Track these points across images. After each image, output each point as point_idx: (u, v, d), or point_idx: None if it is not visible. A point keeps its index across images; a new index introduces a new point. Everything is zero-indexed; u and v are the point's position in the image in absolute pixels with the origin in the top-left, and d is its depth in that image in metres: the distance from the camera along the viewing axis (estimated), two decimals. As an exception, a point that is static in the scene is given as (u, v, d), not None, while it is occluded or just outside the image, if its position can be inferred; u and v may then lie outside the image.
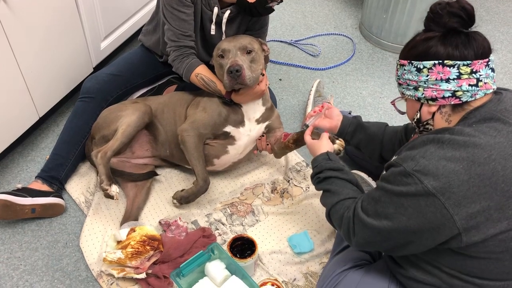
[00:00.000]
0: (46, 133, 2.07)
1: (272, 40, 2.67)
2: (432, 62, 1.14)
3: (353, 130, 1.66)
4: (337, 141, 1.58)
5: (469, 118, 1.12)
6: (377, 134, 1.65)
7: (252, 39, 1.69)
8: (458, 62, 1.11)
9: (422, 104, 1.21)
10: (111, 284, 1.55)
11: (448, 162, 1.04)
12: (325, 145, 1.49)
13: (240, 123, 1.74)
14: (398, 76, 1.26)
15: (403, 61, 1.21)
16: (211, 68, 1.77)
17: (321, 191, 1.40)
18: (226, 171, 1.93)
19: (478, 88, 1.12)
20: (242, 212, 1.80)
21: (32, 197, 1.69)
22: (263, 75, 1.69)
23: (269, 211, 1.80)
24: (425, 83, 1.16)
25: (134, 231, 1.60)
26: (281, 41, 2.68)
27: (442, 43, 1.13)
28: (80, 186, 1.85)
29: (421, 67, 1.15)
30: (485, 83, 1.13)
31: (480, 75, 1.12)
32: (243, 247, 1.55)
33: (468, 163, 1.03)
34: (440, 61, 1.12)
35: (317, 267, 1.63)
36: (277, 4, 1.69)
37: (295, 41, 2.67)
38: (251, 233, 1.72)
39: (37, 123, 1.97)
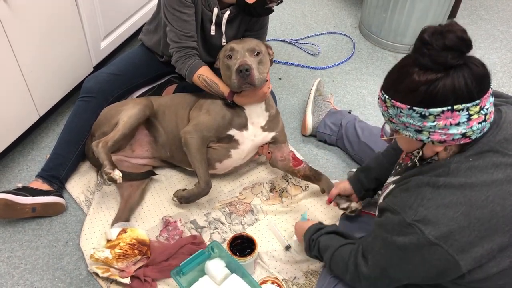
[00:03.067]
0: (46, 132, 2.07)
1: (272, 40, 2.67)
2: (440, 109, 1.01)
3: (365, 176, 1.61)
4: (353, 204, 1.64)
5: (467, 149, 1.07)
6: (382, 165, 1.58)
7: (259, 41, 1.70)
8: (468, 105, 1.00)
9: (424, 143, 1.11)
10: (111, 283, 1.56)
11: (446, 209, 1.03)
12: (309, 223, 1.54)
13: (243, 126, 1.74)
14: (390, 114, 1.10)
15: (399, 104, 1.05)
16: (215, 70, 1.78)
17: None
18: (226, 170, 1.94)
19: (486, 122, 1.04)
20: (241, 211, 1.80)
21: (33, 196, 1.69)
22: (266, 80, 1.70)
23: (268, 210, 1.81)
24: (431, 128, 1.04)
25: (126, 232, 1.60)
26: (281, 40, 2.68)
27: (449, 88, 0.99)
28: (80, 185, 1.86)
29: (427, 114, 1.02)
30: (490, 113, 1.05)
31: (486, 109, 1.03)
32: (242, 245, 1.55)
33: (466, 208, 1.02)
34: (449, 108, 1.00)
35: (317, 266, 1.63)
36: (277, 5, 1.69)
37: (295, 40, 2.68)
38: (250, 232, 1.73)
39: (37, 122, 1.97)
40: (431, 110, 1.01)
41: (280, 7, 2.93)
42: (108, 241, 1.61)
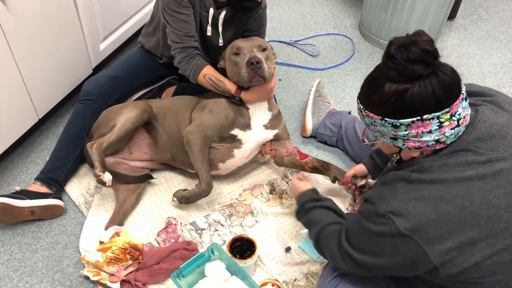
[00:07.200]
0: (46, 135, 2.07)
1: (272, 40, 2.67)
2: (410, 119, 1.05)
3: (379, 158, 1.61)
4: (370, 180, 1.64)
5: (441, 149, 1.11)
6: None
7: (263, 40, 1.73)
8: (437, 114, 1.04)
9: (401, 148, 1.16)
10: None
11: (417, 203, 1.07)
12: (306, 184, 1.52)
13: (247, 126, 1.74)
14: (366, 123, 1.17)
15: (372, 115, 1.11)
16: (218, 71, 1.78)
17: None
18: (226, 172, 1.93)
19: (460, 127, 1.08)
20: (241, 213, 1.80)
21: (31, 199, 1.69)
22: (274, 75, 1.72)
23: (268, 212, 1.80)
24: (404, 136, 1.09)
25: (119, 235, 1.60)
26: (281, 41, 2.68)
27: (417, 97, 1.03)
28: (79, 187, 1.85)
29: (398, 124, 1.07)
30: (464, 117, 1.08)
31: (459, 114, 1.06)
32: (243, 247, 1.55)
33: (436, 202, 1.05)
34: (419, 118, 1.05)
35: (317, 267, 1.63)
36: None
37: (295, 41, 2.67)
38: (250, 233, 1.72)
39: (36, 124, 1.97)
40: (402, 120, 1.06)
41: (280, 8, 2.93)
42: (101, 243, 1.60)
